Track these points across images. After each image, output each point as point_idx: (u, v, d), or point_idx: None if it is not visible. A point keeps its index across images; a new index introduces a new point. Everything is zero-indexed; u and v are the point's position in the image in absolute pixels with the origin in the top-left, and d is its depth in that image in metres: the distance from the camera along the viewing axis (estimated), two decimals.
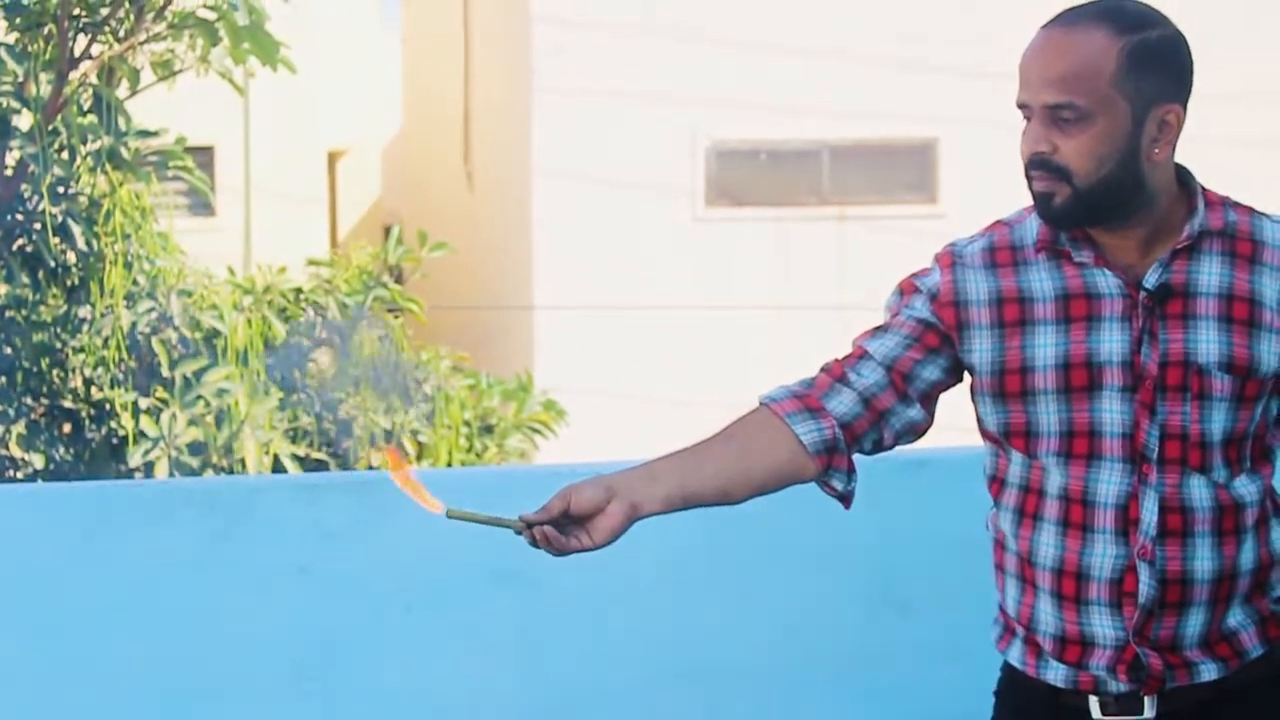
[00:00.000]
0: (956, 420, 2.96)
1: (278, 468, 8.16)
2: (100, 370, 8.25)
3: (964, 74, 15.16)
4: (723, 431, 2.63)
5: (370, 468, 8.46)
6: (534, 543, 2.51)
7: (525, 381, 10.46)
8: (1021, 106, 2.55)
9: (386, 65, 21.48)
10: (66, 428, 8.29)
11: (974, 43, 15.17)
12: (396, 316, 9.50)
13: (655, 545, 3.01)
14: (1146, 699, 2.60)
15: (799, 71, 15.35)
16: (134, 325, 8.26)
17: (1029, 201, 2.60)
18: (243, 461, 8.05)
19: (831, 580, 3.86)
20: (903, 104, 15.46)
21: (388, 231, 9.94)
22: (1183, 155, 2.60)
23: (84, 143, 7.98)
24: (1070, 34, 2.51)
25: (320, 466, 8.55)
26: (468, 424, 9.59)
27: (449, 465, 9.11)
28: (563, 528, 2.51)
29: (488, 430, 9.80)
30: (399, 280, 9.80)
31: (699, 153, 15.46)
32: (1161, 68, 2.52)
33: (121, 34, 7.86)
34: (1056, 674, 2.63)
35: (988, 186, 14.26)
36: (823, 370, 2.67)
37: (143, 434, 8.00)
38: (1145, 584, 2.56)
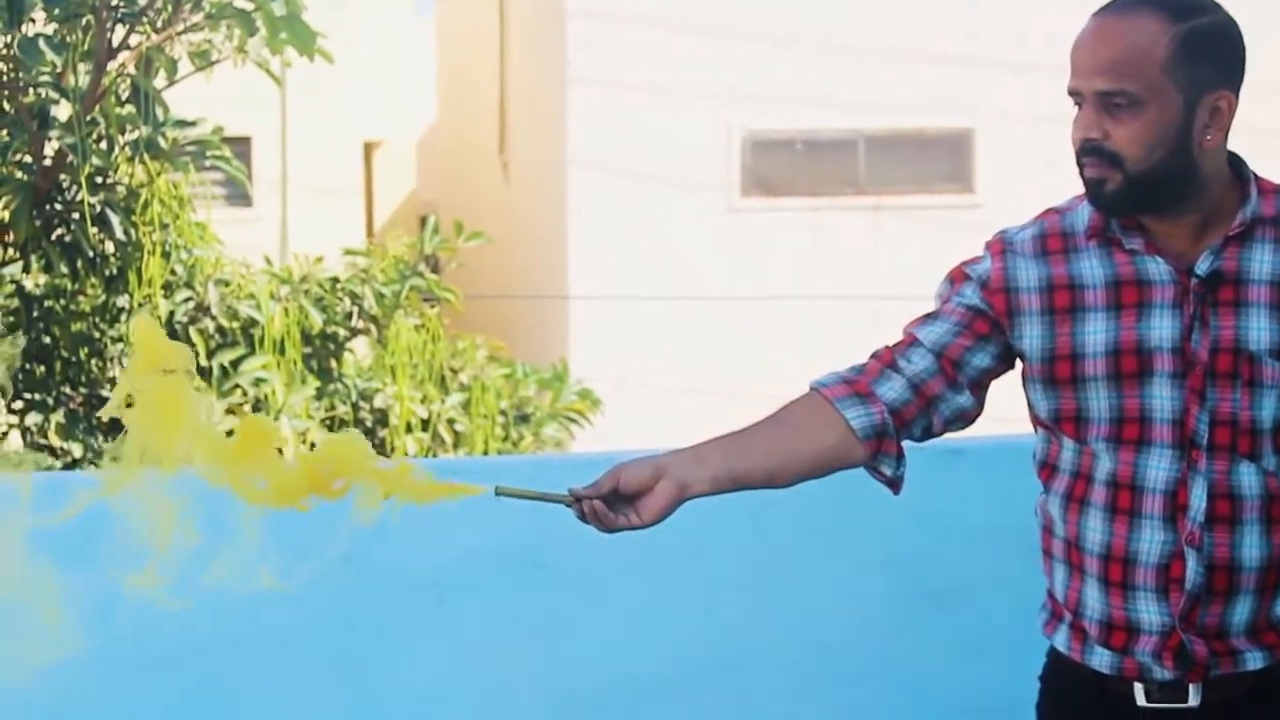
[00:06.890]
0: (991, 410, 2.95)
1: None
2: None
3: (1000, 65, 15.12)
4: (772, 415, 2.65)
5: (406, 454, 8.46)
6: (582, 517, 2.54)
7: (561, 371, 10.46)
8: (1073, 93, 2.55)
9: (422, 56, 21.51)
10: (105, 417, 8.31)
11: (1011, 34, 15.13)
12: (433, 306, 9.51)
13: (687, 536, 3.00)
14: (1191, 686, 2.59)
15: (834, 62, 15.31)
16: (171, 314, 8.29)
17: (1064, 192, 2.60)
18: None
19: (864, 571, 3.85)
20: (939, 94, 15.41)
21: (423, 222, 9.94)
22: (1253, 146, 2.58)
23: (122, 133, 7.99)
24: (1122, 21, 2.51)
25: None
26: (504, 413, 9.59)
27: (485, 454, 9.12)
28: (612, 505, 2.53)
29: (524, 419, 9.80)
30: (435, 270, 9.80)
31: (734, 143, 15.43)
32: (1213, 55, 2.51)
33: (159, 24, 7.87)
34: (1102, 660, 2.63)
35: (1023, 177, 14.25)
36: (873, 357, 2.68)
37: None
38: (1192, 570, 2.55)
